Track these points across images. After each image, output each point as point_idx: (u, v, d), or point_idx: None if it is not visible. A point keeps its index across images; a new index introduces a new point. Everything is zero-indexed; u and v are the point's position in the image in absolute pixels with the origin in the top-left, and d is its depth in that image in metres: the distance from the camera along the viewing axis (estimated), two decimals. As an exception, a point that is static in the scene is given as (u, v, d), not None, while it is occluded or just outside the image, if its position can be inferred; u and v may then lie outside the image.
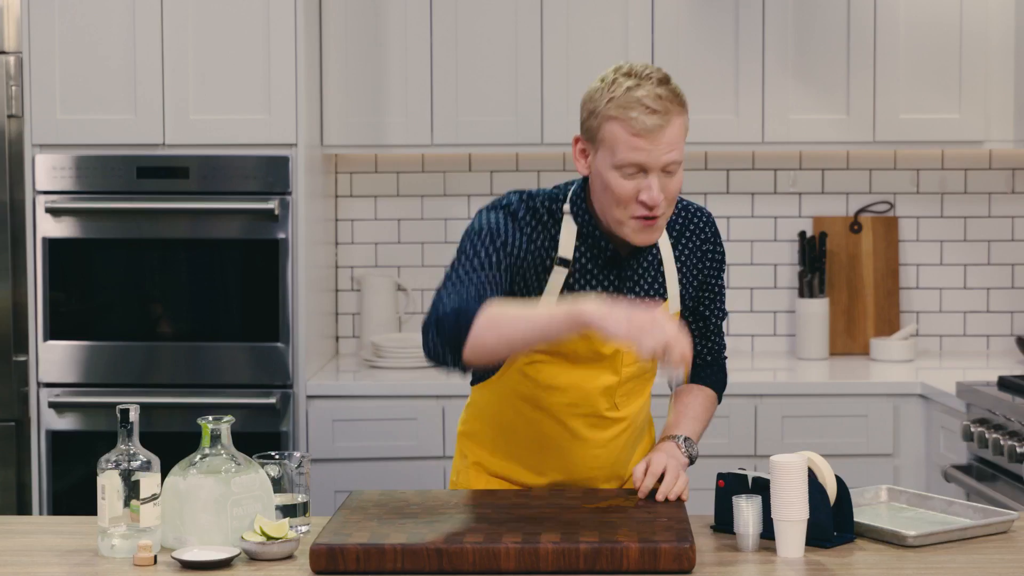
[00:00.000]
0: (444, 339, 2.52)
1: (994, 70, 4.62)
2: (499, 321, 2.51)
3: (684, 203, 2.85)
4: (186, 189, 4.32)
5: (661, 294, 2.79)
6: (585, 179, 2.72)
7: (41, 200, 4.32)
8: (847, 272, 4.97)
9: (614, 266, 2.74)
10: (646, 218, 2.62)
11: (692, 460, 2.82)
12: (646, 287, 2.77)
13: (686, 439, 2.82)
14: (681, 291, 2.82)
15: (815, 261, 4.87)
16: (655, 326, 2.39)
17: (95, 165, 4.32)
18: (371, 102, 4.63)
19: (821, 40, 4.63)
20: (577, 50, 4.61)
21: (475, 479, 2.92)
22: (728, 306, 4.97)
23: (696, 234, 2.83)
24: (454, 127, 4.61)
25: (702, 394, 2.94)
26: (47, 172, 4.32)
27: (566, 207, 2.72)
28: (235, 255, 4.35)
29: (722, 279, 2.91)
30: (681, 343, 2.40)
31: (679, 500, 2.67)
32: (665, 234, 2.79)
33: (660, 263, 2.79)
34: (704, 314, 2.91)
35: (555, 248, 2.71)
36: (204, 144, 4.32)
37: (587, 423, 2.80)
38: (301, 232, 4.33)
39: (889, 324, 4.96)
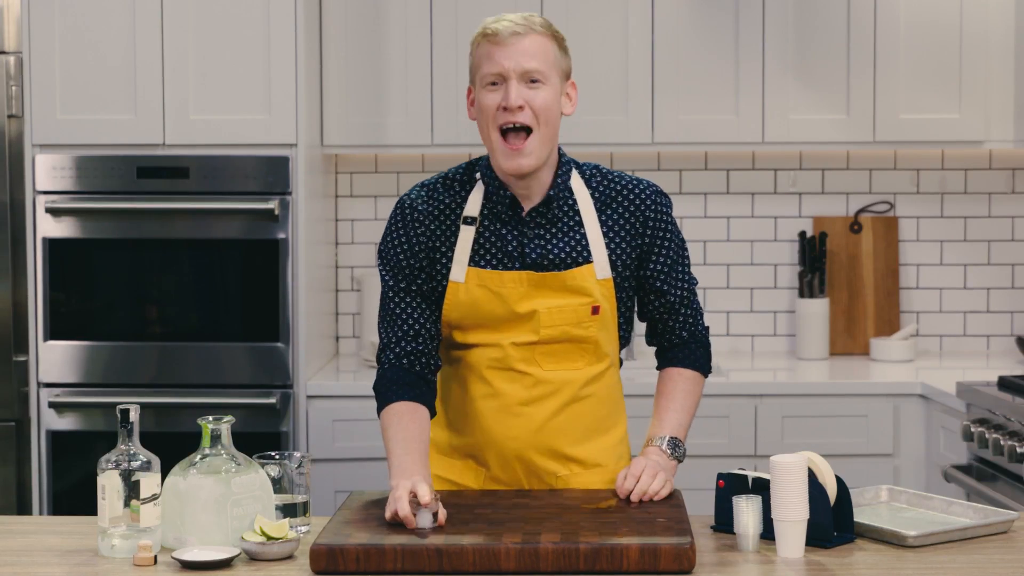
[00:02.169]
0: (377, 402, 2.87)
1: (994, 70, 4.62)
2: (384, 431, 2.84)
3: (622, 176, 2.87)
4: (186, 189, 4.32)
5: (583, 257, 2.80)
6: None
7: (41, 200, 4.32)
8: (847, 272, 4.97)
9: (517, 223, 2.80)
10: (512, 130, 2.73)
11: (680, 460, 2.82)
12: (559, 249, 2.80)
13: (671, 439, 2.82)
14: (612, 257, 2.82)
15: (815, 261, 4.87)
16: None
17: (95, 165, 4.32)
18: (371, 102, 4.63)
19: (821, 40, 4.63)
20: (577, 50, 4.58)
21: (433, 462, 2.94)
22: (728, 306, 4.99)
23: (626, 206, 2.84)
24: (454, 127, 4.61)
25: (682, 379, 2.91)
26: (47, 172, 4.32)
27: (478, 174, 2.84)
28: (235, 255, 4.35)
29: (676, 251, 2.87)
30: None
31: (677, 501, 2.67)
32: (589, 198, 2.83)
33: (580, 225, 2.82)
34: (661, 289, 2.88)
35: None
36: (204, 144, 4.32)
37: (506, 377, 2.82)
38: (301, 232, 4.33)
39: (889, 324, 4.96)
